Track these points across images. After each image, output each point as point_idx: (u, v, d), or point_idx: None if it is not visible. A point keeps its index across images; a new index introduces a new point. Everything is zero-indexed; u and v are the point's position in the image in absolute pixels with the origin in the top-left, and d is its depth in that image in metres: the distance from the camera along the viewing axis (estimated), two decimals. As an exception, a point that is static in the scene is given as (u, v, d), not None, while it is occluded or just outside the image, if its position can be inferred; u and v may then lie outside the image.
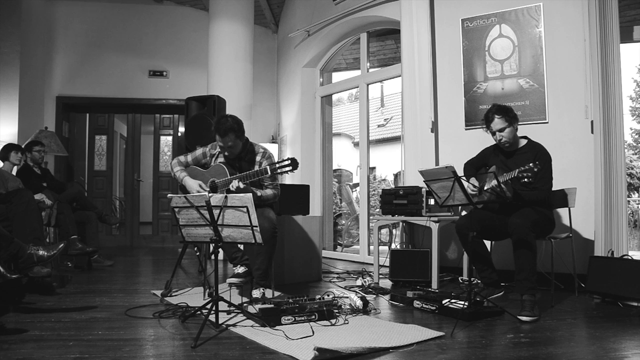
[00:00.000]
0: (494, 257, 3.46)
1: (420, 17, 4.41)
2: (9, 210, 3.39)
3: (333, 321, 2.56)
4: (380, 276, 4.04)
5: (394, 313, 2.88)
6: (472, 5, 4.30)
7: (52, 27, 6.70)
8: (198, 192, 3.14)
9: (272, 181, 3.28)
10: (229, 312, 2.67)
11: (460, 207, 3.87)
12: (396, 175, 8.39)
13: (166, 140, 7.38)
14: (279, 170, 2.89)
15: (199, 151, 3.42)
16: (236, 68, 5.76)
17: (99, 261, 4.76)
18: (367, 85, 5.61)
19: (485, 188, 2.96)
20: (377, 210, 7.16)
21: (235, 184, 2.97)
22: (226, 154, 3.21)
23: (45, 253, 2.78)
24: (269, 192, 3.26)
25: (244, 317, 2.60)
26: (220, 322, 2.46)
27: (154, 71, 6.94)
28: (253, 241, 2.45)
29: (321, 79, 6.38)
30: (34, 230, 3.35)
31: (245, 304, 2.86)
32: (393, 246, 5.22)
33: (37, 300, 3.08)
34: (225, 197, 2.41)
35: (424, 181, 2.94)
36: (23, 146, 4.84)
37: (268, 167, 2.92)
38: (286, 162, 2.84)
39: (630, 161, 17.51)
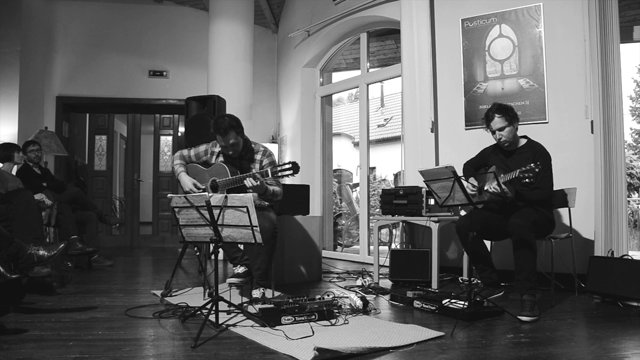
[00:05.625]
0: (494, 257, 3.46)
1: (420, 17, 4.41)
2: (9, 210, 3.39)
3: (333, 321, 2.56)
4: (380, 276, 4.04)
5: (394, 313, 2.88)
6: (472, 5, 4.30)
7: (52, 27, 6.70)
8: (191, 189, 3.19)
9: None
10: (229, 312, 2.67)
11: (460, 207, 3.87)
12: (396, 175, 8.40)
13: (166, 140, 7.39)
14: (280, 174, 2.89)
15: (202, 147, 3.41)
16: (236, 68, 5.76)
17: (99, 261, 4.76)
18: (367, 85, 5.61)
19: (485, 188, 2.96)
20: (377, 210, 7.15)
21: (250, 181, 2.95)
22: (230, 153, 3.21)
23: (46, 253, 2.78)
24: (276, 188, 3.26)
25: (244, 317, 2.60)
26: (220, 322, 2.46)
27: (154, 71, 6.94)
28: (253, 241, 2.45)
29: (321, 79, 6.38)
30: (34, 230, 3.35)
31: (245, 304, 2.86)
32: (393, 246, 5.21)
33: (37, 300, 3.08)
34: (225, 197, 2.41)
35: (424, 181, 2.94)
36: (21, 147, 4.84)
37: (269, 170, 2.92)
38: (287, 166, 2.84)
39: (630, 161, 17.50)
